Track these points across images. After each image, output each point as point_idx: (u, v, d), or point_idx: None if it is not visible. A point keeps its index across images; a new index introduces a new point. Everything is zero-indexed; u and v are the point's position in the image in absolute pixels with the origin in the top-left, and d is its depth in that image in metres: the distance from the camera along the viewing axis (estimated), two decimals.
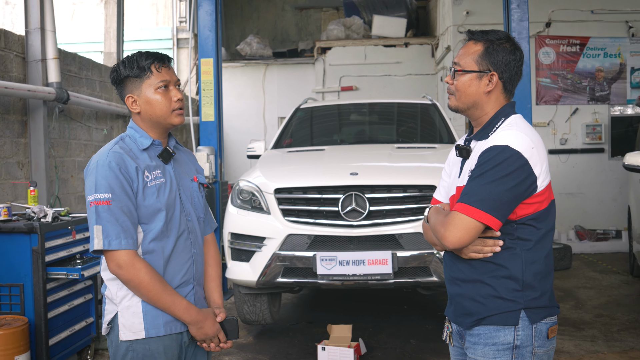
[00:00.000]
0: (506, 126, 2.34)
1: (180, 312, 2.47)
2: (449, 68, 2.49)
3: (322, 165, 5.77)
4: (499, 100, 2.42)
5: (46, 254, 4.59)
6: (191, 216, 2.62)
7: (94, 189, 2.39)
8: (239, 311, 5.85)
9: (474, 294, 2.34)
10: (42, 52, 7.04)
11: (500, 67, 2.38)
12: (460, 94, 2.42)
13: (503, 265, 2.30)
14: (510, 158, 2.21)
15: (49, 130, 7.18)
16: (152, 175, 2.49)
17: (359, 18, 13.39)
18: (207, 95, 7.68)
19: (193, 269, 2.60)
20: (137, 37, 14.26)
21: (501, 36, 2.41)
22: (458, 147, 2.47)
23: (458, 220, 2.24)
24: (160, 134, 2.59)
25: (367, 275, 4.99)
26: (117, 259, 2.38)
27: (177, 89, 2.58)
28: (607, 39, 10.77)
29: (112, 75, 2.57)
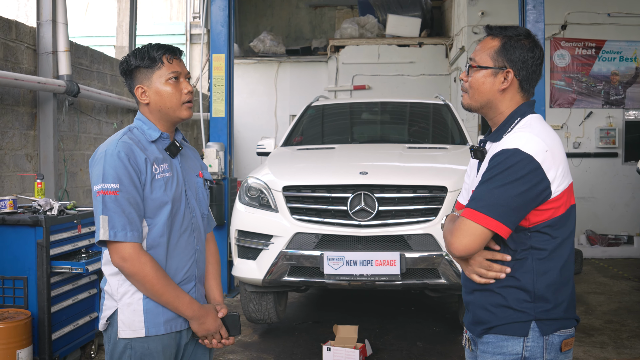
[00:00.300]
0: (520, 127, 2.22)
1: (183, 307, 2.43)
2: (465, 65, 2.37)
3: (331, 163, 5.71)
4: (515, 99, 2.30)
5: (51, 248, 4.56)
6: (195, 212, 2.59)
7: (101, 178, 2.34)
8: (245, 309, 5.81)
9: (484, 302, 2.27)
10: (54, 44, 7.03)
11: (516, 65, 2.26)
12: (474, 91, 2.31)
13: (513, 275, 2.21)
14: (521, 162, 2.10)
15: (59, 123, 7.16)
16: (160, 168, 2.45)
17: (373, 17, 13.31)
18: (218, 91, 7.64)
19: (195, 266, 2.56)
20: (150, 32, 14.27)
21: (520, 32, 2.29)
22: (473, 149, 2.37)
23: (464, 227, 2.14)
24: (168, 127, 2.56)
25: (375, 276, 4.93)
26: (121, 251, 2.33)
27: (187, 81, 2.55)
28: (623, 43, 10.64)
29: (122, 66, 2.54)
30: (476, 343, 2.37)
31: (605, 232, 10.58)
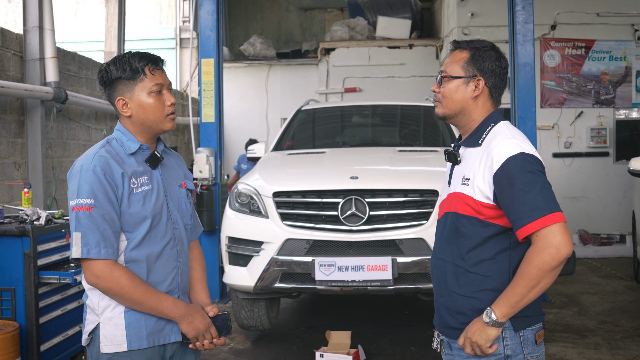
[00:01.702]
0: (501, 134, 2.34)
1: (167, 309, 2.39)
2: (435, 77, 2.51)
3: (322, 168, 5.68)
4: (486, 106, 2.43)
5: (38, 258, 4.51)
6: (178, 224, 2.53)
7: (76, 193, 2.29)
8: (237, 316, 5.76)
9: (461, 306, 2.35)
10: (41, 51, 6.98)
11: (486, 73, 2.40)
12: (447, 100, 2.42)
13: (491, 276, 2.31)
14: (535, 161, 2.25)
15: (47, 131, 7.11)
16: (138, 182, 2.39)
17: (363, 19, 13.30)
18: (208, 96, 7.60)
19: (178, 279, 2.51)
20: (140, 37, 14.24)
21: (486, 44, 2.44)
22: (447, 152, 2.49)
23: (557, 230, 2.18)
24: (150, 138, 2.49)
25: (367, 282, 4.89)
26: (93, 268, 2.29)
27: (170, 92, 2.49)
28: (612, 42, 10.65)
29: (100, 75, 2.46)
30: (451, 346, 2.43)
31: (598, 231, 10.58)
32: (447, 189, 2.50)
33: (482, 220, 2.30)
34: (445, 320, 2.41)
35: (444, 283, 2.40)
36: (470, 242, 2.33)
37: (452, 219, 2.40)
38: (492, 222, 2.29)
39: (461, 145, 2.45)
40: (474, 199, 2.31)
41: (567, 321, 6.49)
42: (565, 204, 10.43)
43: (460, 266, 2.35)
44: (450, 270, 2.38)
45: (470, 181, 2.33)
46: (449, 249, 2.40)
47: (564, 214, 2.25)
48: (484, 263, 2.31)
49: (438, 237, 2.52)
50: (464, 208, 2.34)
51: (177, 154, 2.71)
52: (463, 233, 2.34)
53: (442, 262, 2.42)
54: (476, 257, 2.32)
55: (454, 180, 2.44)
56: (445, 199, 2.49)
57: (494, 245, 2.30)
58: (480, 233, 2.31)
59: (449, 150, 2.48)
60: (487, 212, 2.29)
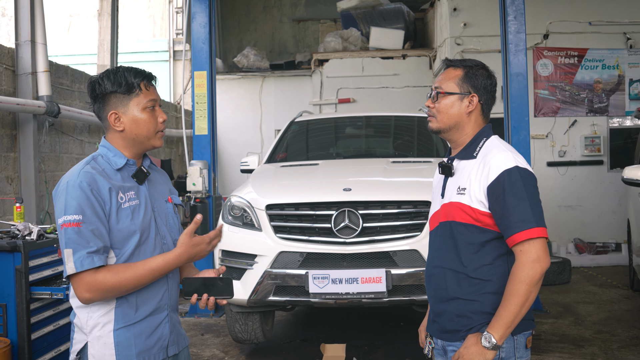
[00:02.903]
0: (495, 147, 2.49)
1: (170, 265, 2.35)
2: (427, 94, 2.64)
3: (315, 180, 5.66)
4: (478, 121, 2.57)
5: (30, 273, 4.47)
6: (166, 239, 2.50)
7: (63, 210, 2.26)
8: (231, 330, 5.73)
9: (462, 310, 2.45)
10: (33, 64, 6.97)
11: (480, 90, 2.55)
12: (443, 115, 2.55)
13: (491, 280, 2.43)
14: (528, 175, 2.41)
15: (40, 145, 7.08)
16: (126, 197, 2.36)
17: (357, 30, 13.31)
18: (201, 108, 7.58)
19: (167, 295, 2.47)
20: (133, 49, 14.24)
21: (478, 63, 2.60)
22: (441, 165, 2.60)
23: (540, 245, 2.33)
24: (138, 153, 2.48)
25: (361, 294, 4.87)
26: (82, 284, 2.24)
27: (161, 109, 2.49)
28: (605, 51, 10.68)
29: (92, 87, 2.42)
30: (446, 350, 2.53)
31: (593, 240, 10.57)
32: (440, 200, 2.60)
33: (480, 227, 2.43)
34: (445, 326, 2.50)
35: (444, 290, 2.50)
36: (470, 249, 2.45)
37: (449, 227, 2.51)
38: (489, 229, 2.43)
39: (455, 158, 2.58)
40: (471, 207, 2.43)
41: (563, 331, 6.47)
42: (560, 213, 10.43)
43: (461, 272, 2.46)
44: (450, 276, 2.48)
45: (466, 190, 2.46)
46: (447, 257, 2.50)
47: (560, 223, 2.36)
48: (484, 268, 2.43)
49: (432, 246, 2.63)
50: (462, 216, 2.46)
51: (161, 170, 2.69)
52: (462, 240, 2.46)
53: (441, 270, 2.52)
54: (476, 263, 2.44)
55: (448, 191, 2.56)
56: (438, 210, 2.60)
57: (492, 250, 2.44)
58: (478, 239, 2.44)
59: (443, 163, 2.59)
60: (484, 219, 2.42)
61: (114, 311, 2.34)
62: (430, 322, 2.63)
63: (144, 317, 2.39)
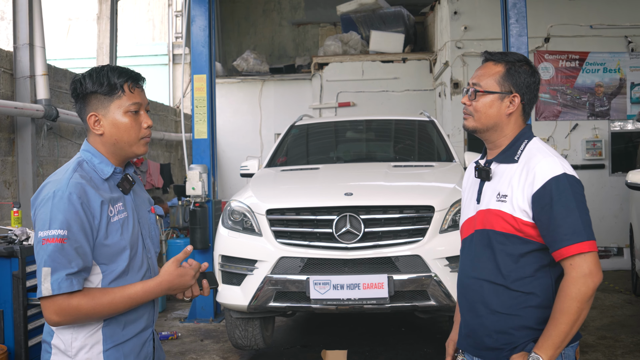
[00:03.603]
0: (541, 151, 2.32)
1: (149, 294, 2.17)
2: (464, 89, 2.42)
3: (315, 185, 5.60)
4: (518, 122, 2.41)
5: (27, 279, 4.43)
6: (151, 252, 2.36)
7: (47, 223, 2.06)
8: (231, 336, 5.67)
9: (503, 326, 2.28)
10: (31, 68, 6.91)
11: (522, 89, 2.37)
12: (480, 114, 2.38)
13: (534, 293, 2.26)
14: (577, 183, 2.24)
15: (38, 148, 7.03)
16: (115, 210, 2.20)
17: (357, 34, 13.28)
18: (200, 112, 7.53)
19: (153, 311, 2.35)
20: (133, 53, 14.19)
21: (520, 58, 2.40)
22: (477, 169, 2.43)
23: (592, 259, 2.17)
24: (121, 161, 2.30)
25: (363, 300, 4.81)
26: (52, 306, 2.06)
27: (147, 114, 2.31)
28: (606, 54, 10.64)
29: (73, 86, 2.25)
30: None
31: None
32: (475, 206, 2.43)
33: (522, 237, 2.27)
34: (484, 342, 2.33)
35: (480, 303, 2.34)
36: (509, 260, 2.28)
37: (486, 236, 2.34)
38: (531, 240, 2.26)
39: (493, 161, 2.41)
40: (513, 217, 2.27)
41: None
42: None
43: (501, 284, 2.30)
44: (488, 288, 2.32)
45: (508, 198, 2.29)
46: (484, 267, 2.34)
47: None
48: (525, 280, 2.27)
49: (467, 256, 2.45)
50: (502, 225, 2.29)
51: (137, 177, 2.49)
52: (501, 250, 2.29)
53: (477, 281, 2.36)
54: (516, 274, 2.27)
55: (485, 197, 2.39)
56: (473, 217, 2.43)
57: (534, 262, 2.27)
58: (519, 250, 2.27)
59: (480, 167, 2.43)
60: (527, 229, 2.26)
61: (101, 331, 2.17)
62: (463, 336, 2.46)
63: (133, 335, 2.24)
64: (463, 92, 2.41)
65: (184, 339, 6.59)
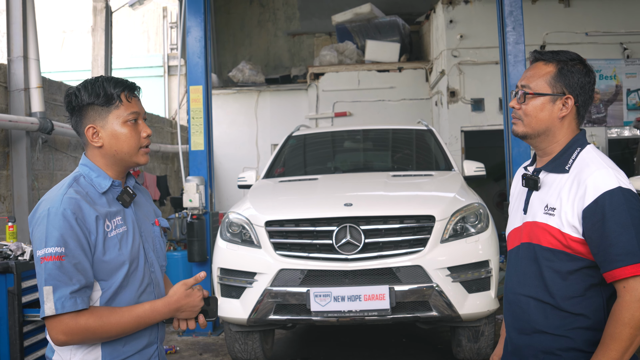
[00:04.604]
0: (594, 162, 2.15)
1: (157, 314, 2.16)
2: (512, 92, 2.28)
3: (314, 195, 5.55)
4: (571, 127, 2.24)
5: (23, 295, 4.35)
6: (154, 267, 2.31)
7: (44, 242, 2.02)
8: (230, 349, 5.59)
9: (549, 346, 2.16)
10: (25, 81, 6.87)
11: (575, 90, 2.20)
12: (531, 119, 2.22)
13: (583, 315, 2.12)
14: (632, 198, 2.05)
15: (33, 162, 6.97)
16: (112, 224, 2.15)
17: (352, 43, 13.26)
18: (197, 123, 7.47)
19: (157, 328, 2.29)
20: (128, 65, 14.17)
21: (574, 57, 2.23)
22: (525, 177, 2.29)
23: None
24: (121, 172, 2.26)
25: (364, 312, 4.74)
26: (59, 325, 2.02)
27: (145, 123, 2.28)
28: (602, 61, 10.64)
29: (68, 99, 2.21)
30: None
31: None
32: (522, 217, 2.30)
33: (570, 254, 2.13)
34: None
35: (526, 321, 2.22)
36: (557, 277, 2.15)
37: (532, 251, 2.22)
38: (580, 257, 2.12)
39: (542, 170, 2.26)
40: (561, 232, 2.13)
41: None
42: None
43: (548, 302, 2.17)
44: (534, 306, 2.20)
45: (556, 211, 2.15)
46: (530, 284, 2.22)
47: None
48: (574, 300, 2.13)
49: (513, 270, 2.32)
50: (549, 240, 2.16)
51: (143, 188, 2.48)
52: (548, 267, 2.16)
53: (523, 298, 2.24)
54: (564, 293, 2.14)
55: (532, 207, 2.25)
56: (519, 227, 2.30)
57: (583, 280, 2.12)
58: (567, 267, 2.13)
59: (527, 175, 2.28)
60: (577, 246, 2.11)
61: (100, 347, 2.13)
62: (508, 353, 2.34)
63: (134, 352, 2.19)
64: (511, 95, 2.28)
65: (183, 353, 6.51)
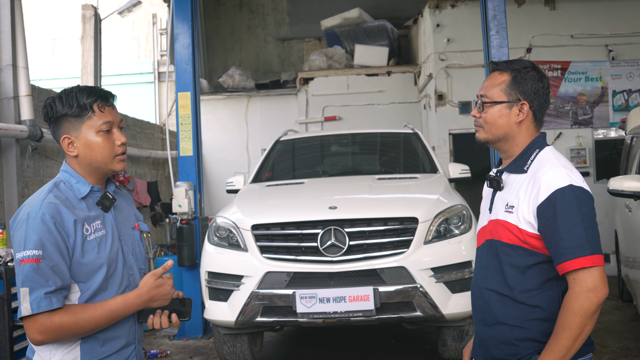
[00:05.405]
0: (549, 162, 2.28)
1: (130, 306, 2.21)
2: (473, 101, 2.40)
3: (300, 199, 5.63)
4: (530, 130, 2.37)
5: (13, 300, 4.41)
6: (133, 270, 2.37)
7: (23, 245, 2.10)
8: (219, 352, 5.66)
9: (508, 336, 2.29)
10: (15, 89, 6.93)
11: (530, 96, 2.34)
12: (490, 126, 2.37)
13: (539, 306, 2.25)
14: (583, 195, 2.19)
15: (23, 169, 7.02)
16: (91, 228, 2.22)
17: (341, 48, 13.35)
18: (185, 129, 7.55)
19: (135, 328, 2.35)
20: (118, 72, 14.22)
21: (527, 64, 2.38)
22: (489, 178, 2.44)
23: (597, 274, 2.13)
24: (99, 179, 2.33)
25: (349, 312, 4.83)
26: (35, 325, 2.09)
27: (121, 131, 2.33)
28: (587, 63, 10.75)
29: (45, 110, 2.28)
30: None
31: None
32: (488, 215, 2.44)
33: (528, 249, 2.25)
34: (491, 352, 2.34)
35: (489, 313, 2.35)
36: (515, 271, 2.27)
37: (494, 247, 2.35)
38: (537, 252, 2.25)
39: (504, 171, 2.41)
40: (519, 228, 2.26)
41: None
42: None
43: (507, 295, 2.29)
44: (496, 299, 2.33)
45: (514, 209, 2.28)
46: (492, 278, 2.35)
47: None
48: (531, 292, 2.26)
49: (479, 265, 2.46)
50: (508, 236, 2.29)
51: (126, 192, 2.55)
52: (507, 262, 2.29)
53: (487, 292, 2.37)
54: (522, 286, 2.26)
55: (495, 206, 2.39)
56: (485, 226, 2.44)
57: (540, 274, 2.25)
58: (525, 262, 2.26)
59: (491, 176, 2.43)
60: (533, 241, 2.24)
61: (79, 347, 2.20)
62: (475, 345, 2.48)
63: (112, 352, 2.26)
64: (473, 105, 2.41)
65: (173, 356, 6.58)
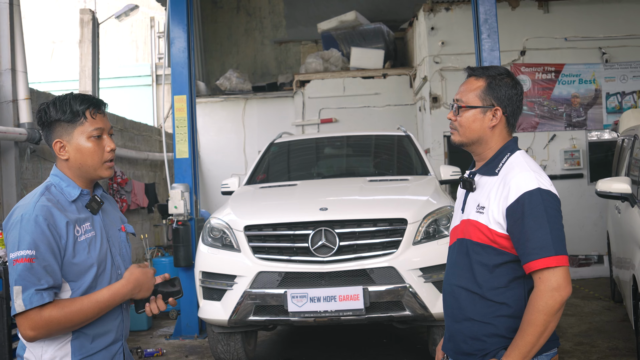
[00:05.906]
0: (519, 165, 2.37)
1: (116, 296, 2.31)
2: (450, 105, 2.52)
3: (292, 201, 5.74)
4: (502, 135, 2.46)
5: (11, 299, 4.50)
6: (121, 269, 2.47)
7: (17, 245, 2.19)
8: (213, 350, 5.77)
9: (476, 332, 2.37)
10: (13, 92, 7.03)
11: (503, 102, 2.43)
12: (465, 129, 2.46)
13: (506, 304, 2.34)
14: (550, 198, 2.30)
15: (22, 171, 7.12)
16: (82, 229, 2.32)
17: (337, 51, 13.46)
18: (181, 132, 7.65)
19: (122, 326, 2.46)
20: (116, 74, 14.32)
21: (502, 71, 2.47)
22: (462, 180, 2.53)
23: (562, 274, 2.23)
24: (88, 183, 2.43)
25: (339, 312, 4.93)
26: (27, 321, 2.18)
27: (110, 138, 2.44)
28: (581, 66, 10.85)
29: (39, 115, 2.38)
30: None
31: (576, 252, 10.67)
32: (460, 215, 2.53)
33: (496, 248, 2.35)
34: (460, 347, 2.43)
35: (458, 309, 2.44)
36: (484, 270, 2.37)
37: (465, 245, 2.44)
38: (506, 251, 2.34)
39: (477, 173, 2.50)
40: (488, 228, 2.35)
41: None
42: None
43: (476, 292, 2.38)
44: (465, 296, 2.41)
45: (485, 210, 2.37)
46: (462, 275, 2.43)
47: None
48: (498, 290, 2.35)
49: (450, 263, 2.55)
50: (478, 236, 2.38)
51: (110, 196, 2.64)
52: (477, 260, 2.38)
53: (457, 288, 2.45)
54: (490, 284, 2.35)
55: (468, 207, 2.48)
56: (457, 225, 2.53)
57: (508, 273, 2.34)
58: (494, 261, 2.35)
59: (464, 178, 2.53)
60: (502, 241, 2.34)
61: (70, 344, 2.29)
62: (445, 340, 2.56)
63: (101, 348, 2.35)
64: (450, 108, 2.51)
65: (169, 355, 6.68)
